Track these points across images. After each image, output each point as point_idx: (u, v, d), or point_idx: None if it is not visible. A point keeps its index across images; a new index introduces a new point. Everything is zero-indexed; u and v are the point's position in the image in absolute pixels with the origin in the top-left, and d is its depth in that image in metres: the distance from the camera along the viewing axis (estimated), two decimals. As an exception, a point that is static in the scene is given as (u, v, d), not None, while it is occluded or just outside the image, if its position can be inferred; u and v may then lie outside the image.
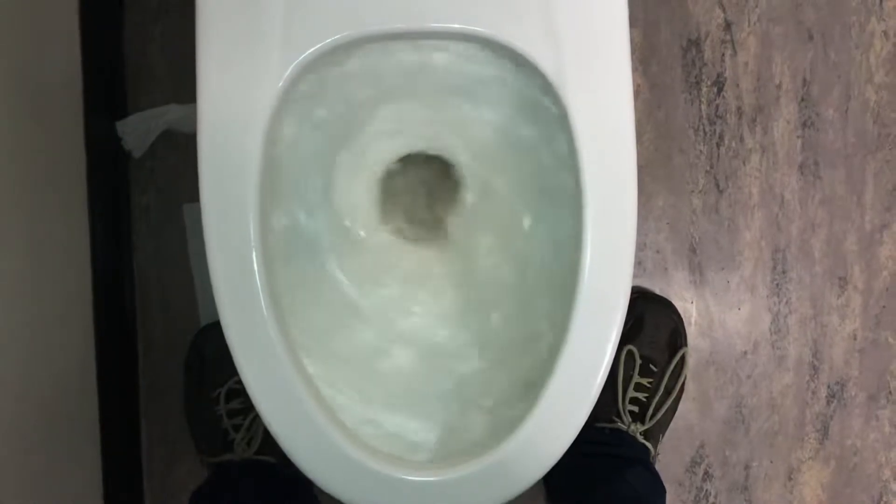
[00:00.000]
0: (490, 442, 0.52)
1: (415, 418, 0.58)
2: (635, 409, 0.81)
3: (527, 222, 0.60)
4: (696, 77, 0.90)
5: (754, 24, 0.90)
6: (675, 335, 0.86)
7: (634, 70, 0.90)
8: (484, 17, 0.52)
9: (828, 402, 0.93)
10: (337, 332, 0.59)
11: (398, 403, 0.58)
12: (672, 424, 0.86)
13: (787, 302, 0.92)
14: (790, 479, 0.93)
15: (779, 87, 0.91)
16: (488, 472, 0.51)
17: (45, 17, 0.76)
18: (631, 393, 0.81)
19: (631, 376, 0.81)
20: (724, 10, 0.90)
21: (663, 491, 0.79)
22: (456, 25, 0.52)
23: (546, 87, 0.53)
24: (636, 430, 0.80)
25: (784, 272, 0.92)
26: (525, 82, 0.56)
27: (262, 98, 0.51)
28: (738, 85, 0.91)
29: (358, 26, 0.52)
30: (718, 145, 0.91)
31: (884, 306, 0.92)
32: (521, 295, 0.61)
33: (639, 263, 0.91)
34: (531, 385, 0.54)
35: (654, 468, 0.81)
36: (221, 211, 0.51)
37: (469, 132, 0.60)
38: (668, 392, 0.83)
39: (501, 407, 0.57)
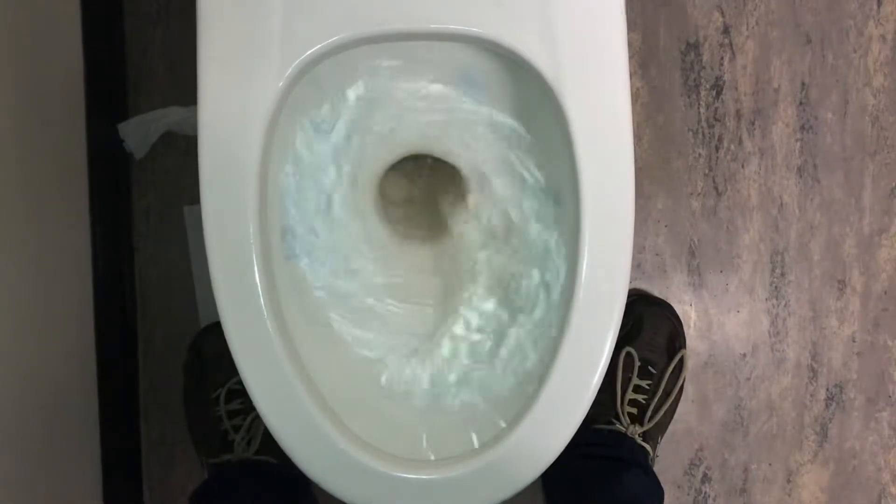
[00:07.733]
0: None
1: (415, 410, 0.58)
2: (634, 410, 0.81)
3: (526, 222, 0.61)
4: (694, 80, 0.91)
5: (753, 27, 0.91)
6: (674, 337, 0.86)
7: (633, 73, 0.90)
8: (482, 19, 0.52)
9: (827, 405, 0.93)
10: (338, 331, 0.59)
11: (400, 395, 0.59)
12: (671, 427, 0.86)
13: (785, 304, 0.92)
14: (789, 481, 0.93)
15: (777, 90, 0.91)
16: (486, 470, 0.52)
17: (47, 21, 0.76)
18: (630, 395, 0.81)
19: (630, 378, 0.82)
20: (722, 14, 0.91)
21: (661, 493, 0.79)
22: (454, 27, 0.52)
23: (544, 89, 0.53)
24: (635, 431, 0.80)
25: (783, 275, 0.92)
26: (523, 84, 0.56)
27: (262, 99, 0.52)
28: (736, 88, 0.91)
29: (357, 27, 0.52)
30: (717, 148, 0.91)
31: (883, 309, 0.93)
32: (523, 295, 0.61)
33: (638, 266, 0.91)
34: (532, 384, 0.55)
35: (653, 470, 0.80)
36: (221, 212, 0.52)
37: (468, 133, 0.60)
38: (666, 394, 0.83)
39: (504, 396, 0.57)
